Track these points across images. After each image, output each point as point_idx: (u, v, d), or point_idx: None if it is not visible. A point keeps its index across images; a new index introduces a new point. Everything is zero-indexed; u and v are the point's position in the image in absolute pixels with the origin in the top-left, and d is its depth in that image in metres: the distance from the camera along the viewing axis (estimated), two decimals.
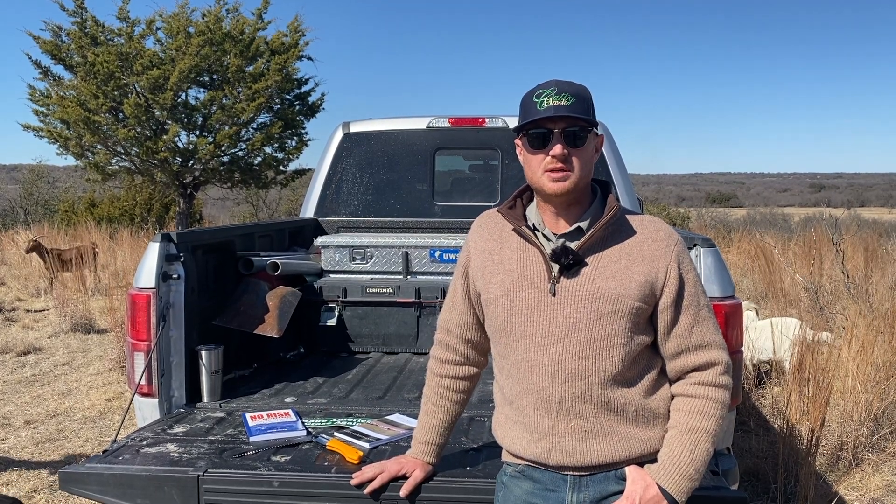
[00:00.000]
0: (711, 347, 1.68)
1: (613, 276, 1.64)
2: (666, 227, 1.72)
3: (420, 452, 2.03)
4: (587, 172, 1.66)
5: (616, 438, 1.66)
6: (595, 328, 1.63)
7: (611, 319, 1.63)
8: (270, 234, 4.01)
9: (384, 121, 4.61)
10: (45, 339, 7.97)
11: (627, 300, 1.63)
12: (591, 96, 1.68)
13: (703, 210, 26.33)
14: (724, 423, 1.69)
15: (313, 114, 17.19)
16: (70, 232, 15.91)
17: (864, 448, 4.29)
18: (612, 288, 1.63)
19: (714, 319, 1.70)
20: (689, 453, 1.63)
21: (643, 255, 1.66)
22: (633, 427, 1.67)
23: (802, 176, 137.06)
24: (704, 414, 1.65)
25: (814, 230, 11.54)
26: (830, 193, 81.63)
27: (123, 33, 15.31)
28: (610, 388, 1.64)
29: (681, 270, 1.67)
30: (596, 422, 1.65)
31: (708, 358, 1.68)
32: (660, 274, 1.65)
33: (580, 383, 1.63)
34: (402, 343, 3.76)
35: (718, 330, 1.70)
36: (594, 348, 1.63)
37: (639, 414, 1.67)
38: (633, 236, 1.68)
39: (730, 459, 2.66)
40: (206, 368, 2.88)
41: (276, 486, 2.12)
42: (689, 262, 1.70)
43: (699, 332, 1.68)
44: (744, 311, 3.95)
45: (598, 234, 1.66)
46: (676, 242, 1.69)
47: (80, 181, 21.84)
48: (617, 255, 1.66)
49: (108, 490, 2.16)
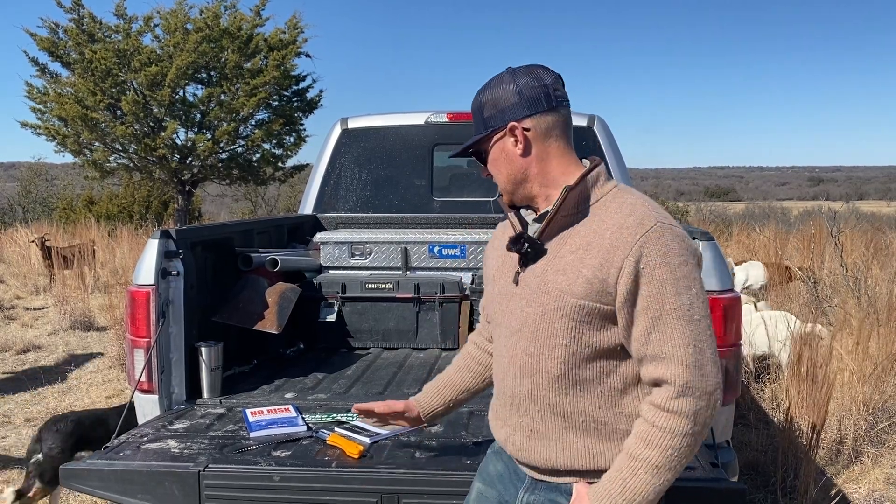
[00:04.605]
0: (668, 362, 1.40)
1: (563, 269, 1.48)
2: (643, 212, 1.45)
3: (417, 399, 1.99)
4: (508, 175, 1.56)
5: (560, 445, 1.52)
6: (540, 325, 1.50)
7: (553, 317, 1.48)
8: (269, 230, 4.01)
9: (382, 116, 4.60)
10: (45, 336, 7.97)
11: (570, 297, 1.45)
12: (486, 99, 1.55)
13: (702, 204, 26.36)
14: (678, 455, 1.39)
15: (311, 110, 17.19)
16: (69, 229, 15.88)
17: (864, 441, 4.31)
18: (558, 282, 1.47)
19: (685, 329, 1.40)
20: (622, 482, 1.40)
21: (602, 245, 1.44)
22: (583, 437, 1.51)
23: (801, 169, 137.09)
24: (648, 441, 1.40)
25: (812, 224, 11.54)
26: (829, 187, 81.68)
27: (121, 30, 15.30)
28: (555, 391, 1.50)
29: (640, 265, 1.40)
30: (541, 423, 1.53)
31: (661, 374, 1.41)
32: (612, 268, 1.42)
33: (527, 381, 1.54)
34: (401, 338, 3.77)
35: (690, 343, 1.39)
36: (539, 346, 1.51)
37: (590, 424, 1.50)
38: (602, 223, 1.47)
39: (729, 452, 2.67)
40: (205, 365, 2.89)
41: (276, 480, 2.12)
42: (658, 255, 1.40)
43: (657, 340, 1.41)
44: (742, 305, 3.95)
45: (560, 219, 1.51)
46: (648, 231, 1.41)
47: (79, 179, 21.81)
48: (577, 245, 1.48)
49: (109, 486, 2.16)
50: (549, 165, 1.54)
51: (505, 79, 1.54)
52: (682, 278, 1.41)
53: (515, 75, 1.54)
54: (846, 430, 4.33)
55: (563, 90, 1.56)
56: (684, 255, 1.43)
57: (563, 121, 1.55)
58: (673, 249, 1.42)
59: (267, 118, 16.26)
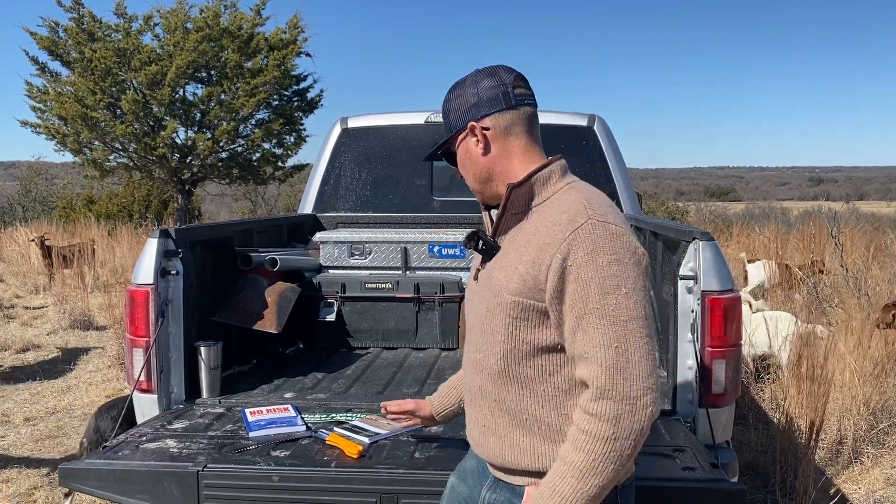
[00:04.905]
0: (589, 363, 1.36)
1: (505, 266, 1.49)
2: (578, 209, 1.43)
3: (432, 398, 2.04)
4: (474, 175, 1.59)
5: (508, 443, 1.52)
6: (485, 321, 1.53)
7: (494, 313, 1.50)
8: (269, 229, 4.01)
9: (382, 116, 4.60)
10: (44, 335, 7.97)
11: (506, 294, 1.46)
12: (450, 102, 1.59)
13: (702, 204, 26.36)
14: (603, 460, 1.33)
15: (312, 110, 17.19)
16: (69, 229, 15.87)
17: (864, 441, 4.30)
18: (499, 279, 1.49)
19: (607, 330, 1.35)
20: (552, 486, 1.36)
21: (539, 242, 1.44)
22: (528, 436, 1.49)
23: (801, 170, 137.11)
24: (574, 445, 1.36)
25: (812, 224, 11.54)
26: (829, 187, 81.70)
27: (121, 29, 15.30)
28: (500, 387, 1.51)
29: (567, 262, 1.38)
30: (491, 419, 1.54)
31: (584, 374, 1.38)
32: (543, 265, 1.41)
33: (478, 377, 1.56)
34: (401, 338, 3.77)
35: (611, 344, 1.34)
36: (485, 342, 1.53)
37: (533, 423, 1.48)
38: (543, 220, 1.47)
39: (729, 452, 2.67)
40: (205, 364, 2.88)
41: (275, 480, 2.12)
42: (585, 253, 1.37)
43: (581, 340, 1.38)
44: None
45: (510, 217, 1.53)
46: (577, 228, 1.39)
47: (78, 178, 21.81)
48: (520, 243, 1.48)
49: (108, 486, 2.16)
50: (512, 163, 1.55)
51: (467, 81, 1.57)
52: (610, 277, 1.36)
53: (476, 77, 1.57)
54: (846, 430, 4.33)
55: (524, 89, 1.56)
56: (617, 253, 1.38)
57: (524, 118, 1.55)
58: (603, 247, 1.38)
59: (267, 118, 16.27)
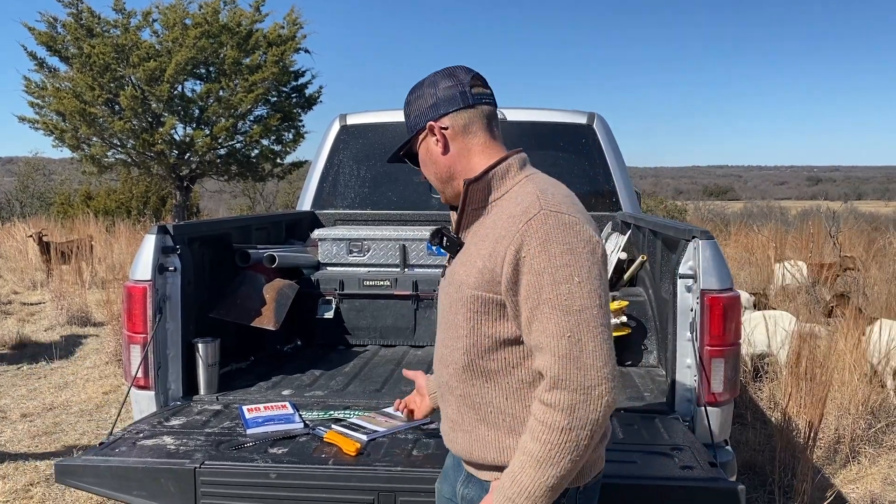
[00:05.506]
0: (544, 353, 1.37)
1: (465, 261, 1.51)
2: (532, 200, 1.44)
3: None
4: (436, 174, 1.60)
5: (474, 437, 1.52)
6: (449, 316, 1.54)
7: (456, 308, 1.51)
8: (267, 226, 4.00)
9: (381, 113, 4.59)
10: (42, 331, 7.95)
11: (466, 288, 1.47)
12: (410, 104, 1.61)
13: (701, 203, 26.38)
14: (559, 450, 1.33)
15: (310, 106, 17.19)
16: (66, 225, 15.85)
17: (861, 441, 4.31)
18: (459, 274, 1.50)
19: (560, 320, 1.35)
20: (512, 476, 1.37)
21: (495, 235, 1.45)
22: (493, 430, 1.49)
23: (799, 169, 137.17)
24: (532, 434, 1.36)
25: (811, 223, 11.56)
26: (827, 186, 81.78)
27: (119, 25, 15.28)
28: (465, 381, 1.52)
29: (520, 254, 1.38)
30: (458, 414, 1.55)
31: (540, 365, 1.39)
32: (498, 258, 1.42)
33: (445, 371, 1.57)
34: (399, 336, 3.76)
35: (564, 334, 1.35)
36: (450, 337, 1.54)
37: (498, 417, 1.49)
38: (500, 214, 1.48)
39: (727, 451, 2.67)
40: (202, 361, 2.88)
41: (273, 477, 2.11)
42: (537, 244, 1.38)
43: (536, 330, 1.38)
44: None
45: (471, 213, 1.54)
46: (530, 219, 1.40)
47: (77, 174, 21.81)
48: (481, 236, 1.49)
49: (105, 482, 2.16)
50: (472, 161, 1.56)
51: (426, 82, 1.59)
52: (563, 267, 1.37)
53: (435, 78, 1.59)
54: (844, 429, 4.33)
55: (482, 88, 1.58)
56: (569, 243, 1.38)
57: (482, 116, 1.56)
58: (555, 237, 1.38)
59: (265, 114, 16.26)
